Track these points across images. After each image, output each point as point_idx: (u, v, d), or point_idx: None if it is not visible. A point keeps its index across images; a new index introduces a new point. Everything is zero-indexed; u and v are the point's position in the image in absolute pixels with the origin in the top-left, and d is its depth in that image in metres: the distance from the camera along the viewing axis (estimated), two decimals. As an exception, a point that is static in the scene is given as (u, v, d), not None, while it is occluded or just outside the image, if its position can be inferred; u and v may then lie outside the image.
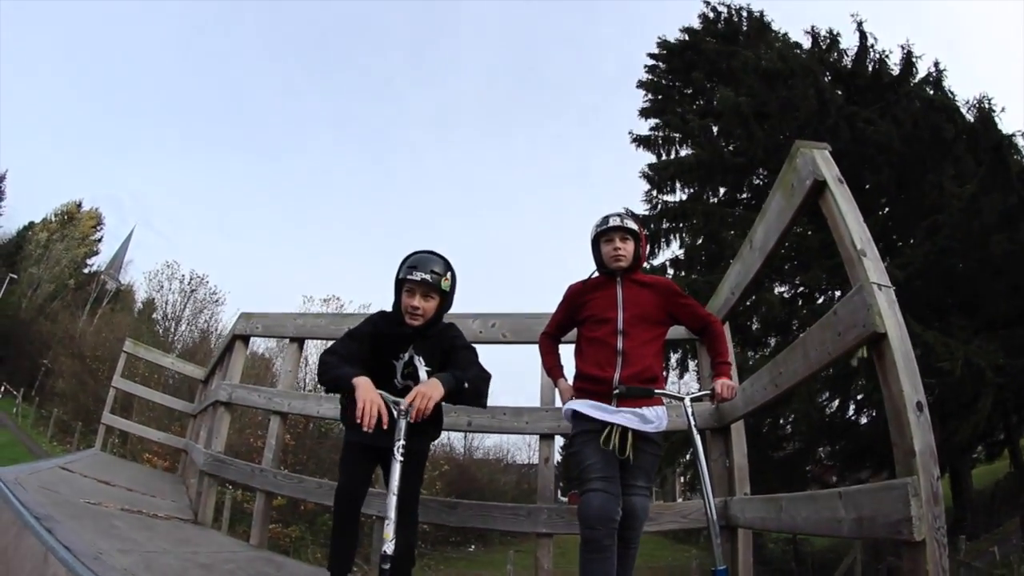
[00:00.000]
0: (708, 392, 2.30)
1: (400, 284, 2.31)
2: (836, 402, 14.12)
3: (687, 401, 2.26)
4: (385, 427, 2.02)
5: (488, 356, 2.48)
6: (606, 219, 2.41)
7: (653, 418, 2.27)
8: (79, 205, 45.56)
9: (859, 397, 13.43)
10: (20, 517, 2.32)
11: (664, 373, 2.41)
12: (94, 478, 4.58)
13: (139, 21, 74.85)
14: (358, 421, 1.98)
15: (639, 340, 2.32)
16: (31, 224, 42.98)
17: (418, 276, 2.25)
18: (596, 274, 2.50)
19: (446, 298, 2.35)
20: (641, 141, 17.80)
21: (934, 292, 12.76)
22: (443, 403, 2.28)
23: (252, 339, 4.84)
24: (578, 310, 2.44)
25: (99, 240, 46.94)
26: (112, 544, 2.42)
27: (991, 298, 12.76)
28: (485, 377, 2.28)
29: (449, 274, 2.33)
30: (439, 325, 2.39)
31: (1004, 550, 11.34)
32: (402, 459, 2.02)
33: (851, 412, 14.20)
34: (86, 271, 45.13)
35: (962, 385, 11.07)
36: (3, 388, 31.80)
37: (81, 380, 26.41)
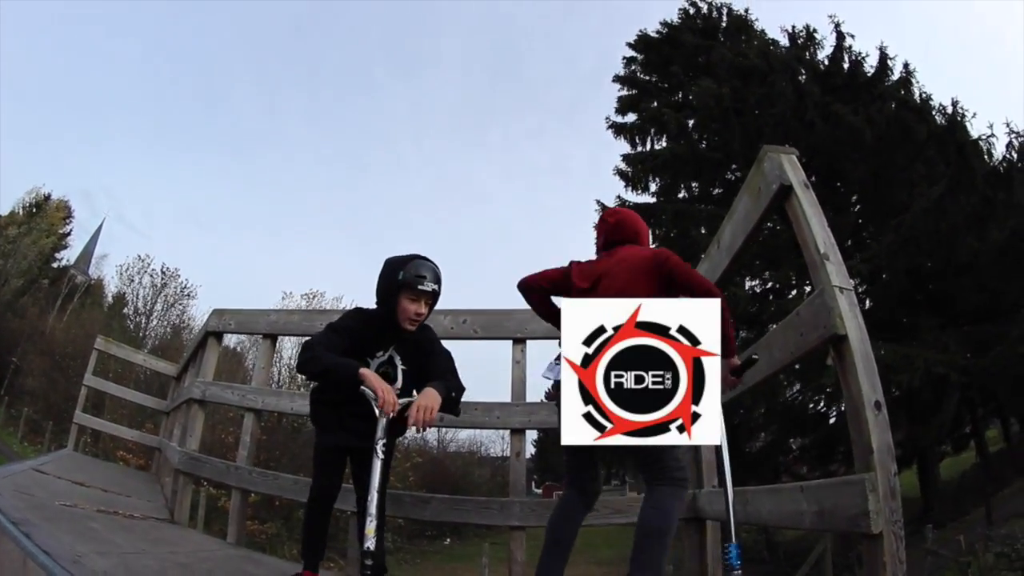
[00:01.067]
0: None
1: (401, 288, 2.27)
2: (803, 396, 14.45)
3: None
4: (425, 423, 2.08)
5: (459, 351, 2.53)
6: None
7: None
8: (47, 197, 44.36)
9: (828, 391, 13.75)
10: None
11: None
12: (69, 479, 4.52)
13: (105, 10, 72.60)
14: (379, 409, 2.06)
15: None
16: (-3, 218, 41.74)
17: (430, 287, 2.28)
18: None
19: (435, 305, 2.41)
20: (618, 129, 17.92)
21: (903, 288, 13.11)
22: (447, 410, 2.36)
23: (224, 335, 4.81)
24: None
25: (68, 234, 45.71)
26: (90, 546, 2.39)
27: (958, 295, 13.14)
28: (462, 389, 2.32)
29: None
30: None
31: (970, 538, 11.62)
32: (383, 457, 2.08)
33: (821, 406, 14.53)
34: (55, 266, 43.98)
35: (925, 390, 11.43)
36: (-30, 390, 30.97)
37: (51, 378, 25.78)
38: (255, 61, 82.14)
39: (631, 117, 18.06)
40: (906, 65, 15.80)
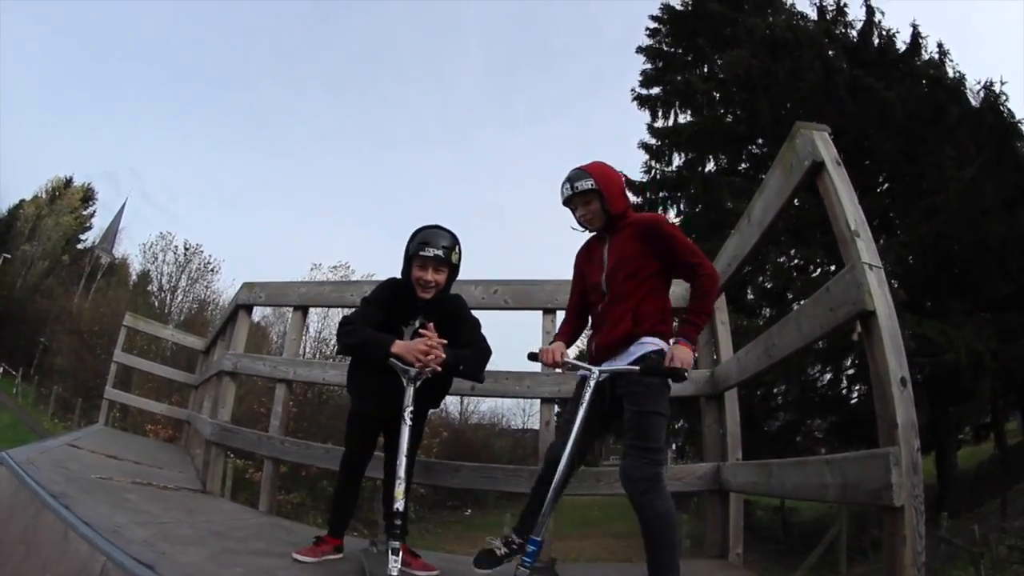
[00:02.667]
0: (635, 366, 2.04)
1: (412, 257, 2.41)
2: (828, 376, 14.34)
3: (595, 371, 2.08)
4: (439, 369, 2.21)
5: (490, 321, 2.58)
6: (561, 190, 2.23)
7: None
8: (68, 180, 45.04)
9: (851, 372, 13.62)
10: (37, 496, 2.39)
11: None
12: (102, 453, 4.63)
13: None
14: (419, 368, 2.19)
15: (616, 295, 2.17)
16: (21, 202, 42.54)
17: (431, 252, 2.36)
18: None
19: (454, 270, 2.48)
20: (643, 101, 17.59)
21: (929, 272, 12.86)
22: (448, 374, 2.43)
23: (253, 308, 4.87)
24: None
25: (92, 215, 46.53)
26: (128, 517, 2.48)
27: (986, 282, 12.87)
28: (485, 354, 2.42)
29: (457, 248, 2.45)
30: (447, 295, 2.52)
31: (984, 529, 11.62)
32: (411, 423, 2.16)
33: (843, 387, 14.42)
34: (79, 246, 44.78)
35: (958, 371, 11.23)
36: (2, 369, 31.86)
37: (80, 356, 26.37)
38: (275, 36, 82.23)
39: (656, 90, 17.66)
40: (940, 44, 15.32)
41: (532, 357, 2.30)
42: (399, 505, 2.07)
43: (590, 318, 2.34)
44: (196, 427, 6.09)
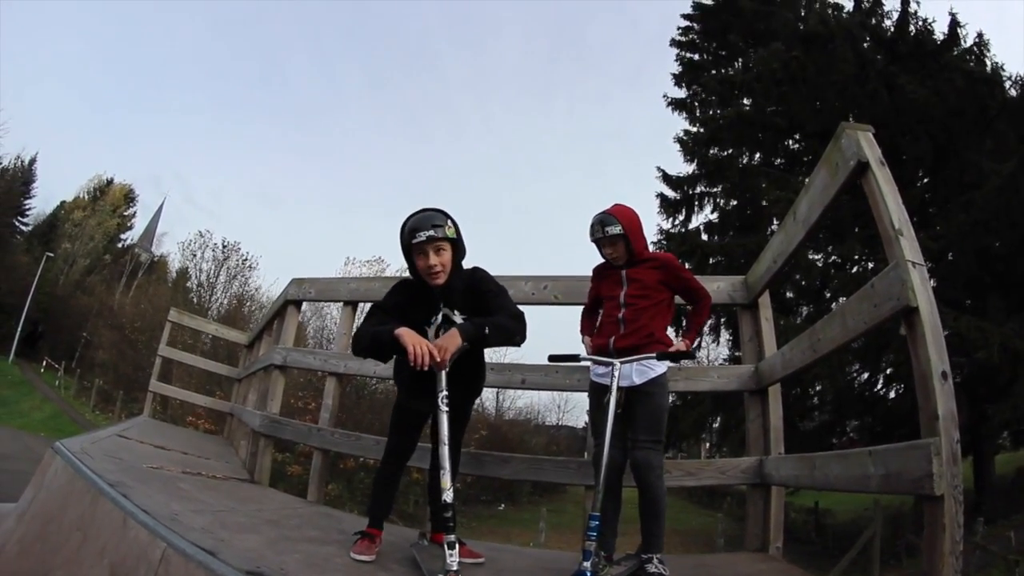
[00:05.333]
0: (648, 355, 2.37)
1: (409, 251, 2.28)
2: (865, 375, 14.08)
3: (616, 364, 2.30)
4: (437, 366, 2.06)
5: (540, 317, 2.63)
6: (592, 230, 2.58)
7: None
8: (110, 181, 46.47)
9: (888, 371, 13.36)
10: (94, 485, 2.41)
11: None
12: (150, 443, 4.71)
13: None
14: (412, 363, 2.02)
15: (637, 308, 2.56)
16: (63, 203, 44.00)
17: (422, 236, 2.22)
18: None
19: (457, 245, 2.32)
20: (677, 104, 17.54)
21: (970, 269, 12.53)
22: (482, 355, 2.48)
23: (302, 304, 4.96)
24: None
25: (133, 215, 47.91)
26: (184, 505, 2.53)
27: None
28: (516, 315, 2.24)
29: (449, 221, 2.29)
30: (463, 273, 2.36)
31: (1021, 536, 11.40)
32: (447, 409, 2.10)
33: (880, 386, 14.15)
34: (120, 245, 46.17)
35: (997, 368, 10.95)
36: (45, 362, 33.23)
37: (120, 350, 27.12)
38: (315, 33, 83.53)
39: (690, 88, 17.65)
40: (980, 35, 14.86)
41: (552, 359, 2.62)
42: (448, 496, 2.02)
43: (601, 317, 2.67)
44: (241, 419, 6.19)
